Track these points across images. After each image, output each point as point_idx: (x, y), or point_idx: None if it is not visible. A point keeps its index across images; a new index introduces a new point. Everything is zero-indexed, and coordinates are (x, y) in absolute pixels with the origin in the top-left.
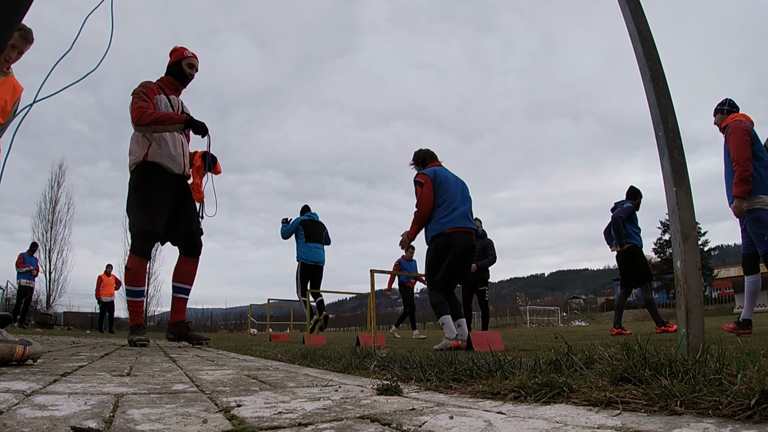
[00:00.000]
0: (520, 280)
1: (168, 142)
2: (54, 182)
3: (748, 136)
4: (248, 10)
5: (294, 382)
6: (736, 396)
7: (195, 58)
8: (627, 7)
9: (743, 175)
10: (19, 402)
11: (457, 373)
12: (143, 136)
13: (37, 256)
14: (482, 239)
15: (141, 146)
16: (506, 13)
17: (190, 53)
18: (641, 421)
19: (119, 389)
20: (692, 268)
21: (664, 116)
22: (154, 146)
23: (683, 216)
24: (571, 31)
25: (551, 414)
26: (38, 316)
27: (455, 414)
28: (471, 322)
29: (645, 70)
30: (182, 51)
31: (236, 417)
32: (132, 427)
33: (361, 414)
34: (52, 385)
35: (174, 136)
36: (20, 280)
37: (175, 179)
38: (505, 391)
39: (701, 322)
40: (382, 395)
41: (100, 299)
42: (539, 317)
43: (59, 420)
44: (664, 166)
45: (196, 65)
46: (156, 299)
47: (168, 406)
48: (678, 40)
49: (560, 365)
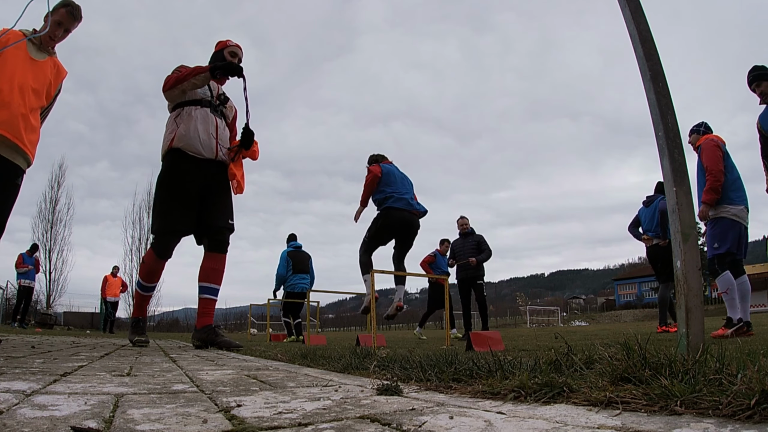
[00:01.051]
0: (520, 280)
1: (199, 125)
2: (54, 182)
3: (720, 151)
4: (246, 11)
5: (294, 382)
6: (736, 396)
7: (238, 47)
8: (627, 7)
9: (714, 184)
10: (19, 402)
11: (457, 373)
12: (173, 120)
13: (37, 255)
14: (472, 235)
15: (169, 131)
16: (503, 12)
17: (233, 43)
18: (641, 421)
19: (119, 389)
20: (692, 268)
21: (664, 116)
22: (181, 129)
23: (683, 216)
24: (569, 30)
25: (551, 414)
26: (38, 316)
27: (455, 414)
28: (471, 321)
29: (645, 70)
30: (226, 41)
31: (236, 417)
32: (132, 427)
33: (361, 414)
34: (52, 385)
35: (207, 117)
36: (20, 280)
37: (205, 165)
38: (505, 391)
39: (701, 322)
40: (382, 395)
41: (105, 298)
42: (539, 317)
43: (59, 420)
44: (664, 166)
45: (239, 54)
46: (156, 299)
47: (168, 406)
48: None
49: (560, 365)
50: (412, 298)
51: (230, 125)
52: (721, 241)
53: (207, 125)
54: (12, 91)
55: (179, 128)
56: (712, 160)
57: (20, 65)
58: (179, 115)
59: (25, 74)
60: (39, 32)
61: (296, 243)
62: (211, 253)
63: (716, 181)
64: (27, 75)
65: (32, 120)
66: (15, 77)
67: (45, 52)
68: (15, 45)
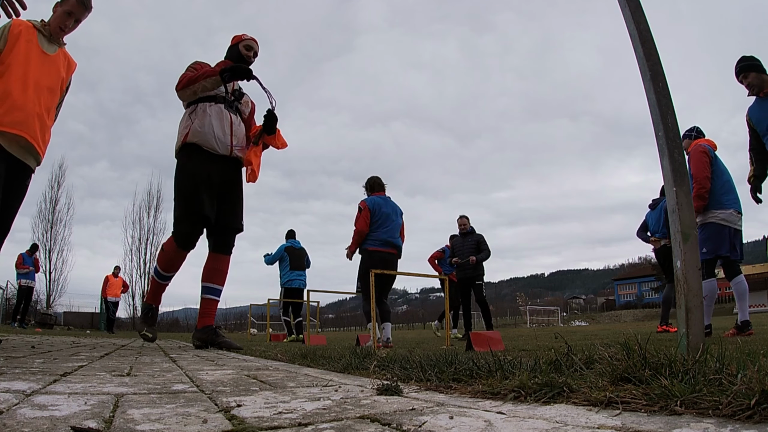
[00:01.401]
0: (520, 280)
1: (213, 121)
2: (54, 182)
3: (707, 157)
4: (245, 11)
5: (294, 382)
6: (736, 396)
7: (254, 41)
8: (627, 7)
9: (700, 191)
10: (19, 402)
11: (457, 373)
12: (188, 116)
13: (37, 255)
14: (472, 235)
15: (184, 127)
16: (503, 12)
17: (249, 36)
18: (641, 421)
19: (119, 389)
20: (692, 268)
21: (664, 116)
22: (195, 125)
23: (683, 216)
24: (568, 30)
25: (551, 414)
26: (38, 316)
27: (455, 414)
28: (472, 321)
29: (645, 69)
30: (242, 35)
31: (236, 417)
32: (132, 427)
33: (361, 414)
34: (52, 385)
35: (222, 115)
36: (20, 280)
37: (220, 161)
38: (505, 391)
39: (701, 322)
40: (382, 395)
41: (105, 298)
42: (539, 317)
43: (59, 420)
44: (664, 166)
45: (255, 48)
46: None
47: (168, 406)
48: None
49: (560, 365)
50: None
51: (247, 120)
52: (709, 246)
53: (222, 122)
54: (26, 90)
55: (194, 124)
56: (698, 167)
57: (34, 61)
58: (194, 111)
59: (39, 71)
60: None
61: (294, 240)
62: (216, 254)
63: (701, 188)
64: (41, 72)
65: (47, 120)
66: (29, 75)
67: (55, 43)
68: (26, 39)
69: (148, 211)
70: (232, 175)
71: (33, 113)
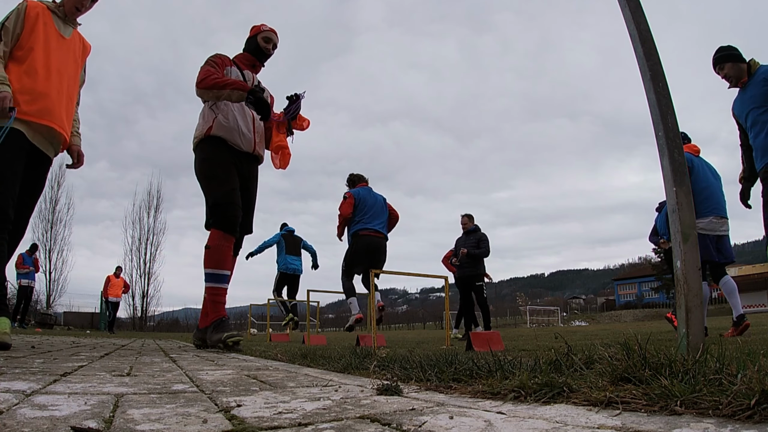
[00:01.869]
0: (520, 280)
1: (237, 116)
2: (54, 182)
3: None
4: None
5: (294, 382)
6: (736, 396)
7: (273, 32)
8: (627, 7)
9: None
10: (19, 402)
11: (457, 373)
12: (209, 108)
13: (37, 255)
14: (475, 233)
15: (206, 120)
16: (501, 12)
17: (267, 27)
18: (641, 421)
19: (119, 389)
20: (692, 268)
21: (664, 116)
22: (220, 118)
23: (683, 216)
24: (568, 30)
25: (551, 414)
26: (38, 316)
27: (455, 414)
28: (473, 322)
29: (645, 69)
30: (260, 26)
31: (236, 417)
32: (132, 427)
33: (361, 414)
34: (52, 385)
35: (244, 110)
36: (20, 280)
37: (242, 158)
38: (505, 391)
39: (701, 322)
40: (382, 395)
41: (106, 298)
42: (539, 317)
43: (59, 420)
44: (664, 166)
45: (274, 40)
46: (156, 299)
47: (168, 406)
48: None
49: (560, 365)
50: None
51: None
52: None
53: (245, 118)
54: (50, 76)
55: (218, 116)
56: None
57: (53, 46)
58: (215, 104)
59: (59, 56)
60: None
61: (289, 227)
62: None
63: None
64: (60, 57)
65: (72, 109)
66: (51, 60)
67: (70, 24)
68: (43, 22)
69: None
70: (253, 172)
71: (59, 101)
